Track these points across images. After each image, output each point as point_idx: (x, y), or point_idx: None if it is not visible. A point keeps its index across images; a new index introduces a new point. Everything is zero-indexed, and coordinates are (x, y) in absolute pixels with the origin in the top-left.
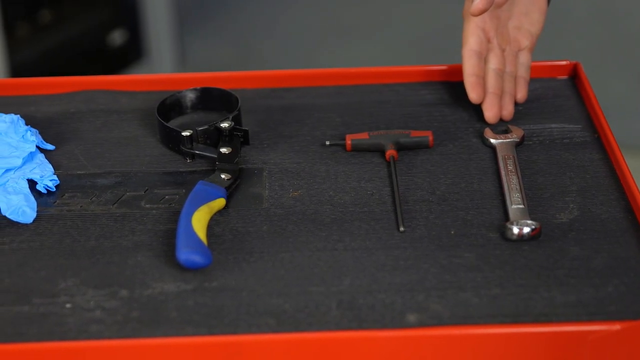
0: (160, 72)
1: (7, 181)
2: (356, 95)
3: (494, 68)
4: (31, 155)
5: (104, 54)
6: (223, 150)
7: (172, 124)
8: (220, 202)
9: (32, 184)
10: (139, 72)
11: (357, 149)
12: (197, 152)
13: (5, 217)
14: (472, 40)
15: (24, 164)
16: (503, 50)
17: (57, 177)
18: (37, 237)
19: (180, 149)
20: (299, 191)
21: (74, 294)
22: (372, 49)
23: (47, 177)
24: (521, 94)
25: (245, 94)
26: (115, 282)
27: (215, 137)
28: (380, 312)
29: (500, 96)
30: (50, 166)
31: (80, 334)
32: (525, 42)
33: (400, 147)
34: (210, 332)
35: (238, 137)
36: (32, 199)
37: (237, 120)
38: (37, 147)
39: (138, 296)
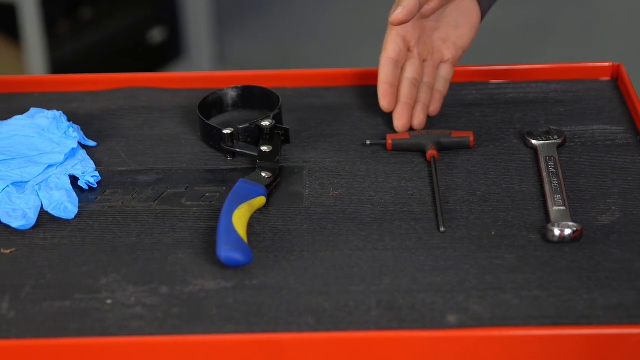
0: (199, 70)
1: (50, 177)
2: None
3: (409, 77)
4: (73, 152)
5: (143, 52)
6: (264, 148)
7: (213, 121)
8: (260, 200)
9: (74, 180)
10: (177, 70)
11: (398, 148)
12: (237, 150)
13: (47, 212)
14: (390, 48)
15: (66, 160)
16: (424, 61)
17: (99, 173)
18: (79, 233)
19: (221, 147)
20: (340, 190)
21: (115, 290)
22: None
23: (88, 174)
24: (434, 107)
25: (286, 92)
26: (156, 279)
27: (256, 135)
28: (420, 312)
29: (412, 106)
30: (92, 162)
31: (120, 329)
32: (448, 54)
33: (441, 147)
34: (250, 330)
35: (279, 136)
36: (74, 195)
37: (278, 118)
38: (79, 143)
39: (178, 293)
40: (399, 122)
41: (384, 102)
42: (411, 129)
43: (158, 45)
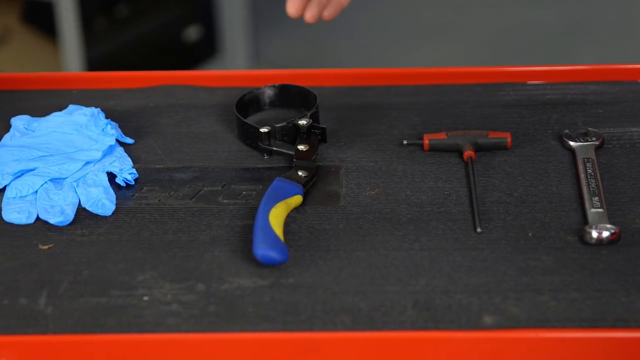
0: (234, 69)
1: (87, 174)
2: (434, 95)
3: None
4: (111, 149)
5: (178, 50)
6: (301, 147)
7: (250, 120)
8: (297, 199)
9: (111, 177)
10: (212, 69)
11: (435, 148)
12: (274, 148)
13: (85, 209)
14: None
15: (103, 157)
16: None
17: (136, 170)
18: (116, 230)
19: (258, 145)
20: (376, 190)
21: (152, 287)
22: (449, 49)
23: (126, 171)
24: (329, 12)
25: (323, 91)
26: (192, 276)
27: (293, 134)
28: (457, 313)
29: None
30: (130, 160)
31: (157, 326)
32: None
33: (478, 148)
34: (286, 329)
35: (316, 135)
36: (111, 191)
37: (315, 117)
38: (117, 140)
39: (215, 291)
40: (291, 6)
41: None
42: (448, 129)
43: (193, 44)
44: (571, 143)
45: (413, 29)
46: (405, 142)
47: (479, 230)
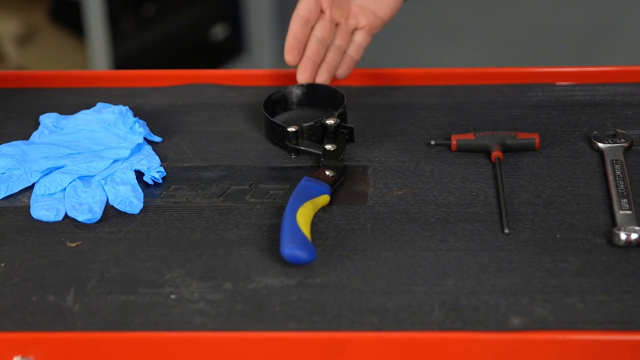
0: (260, 68)
1: (115, 172)
2: (462, 95)
3: (317, 36)
4: (139, 147)
5: (205, 49)
6: (328, 147)
7: (278, 119)
8: (324, 199)
9: (139, 175)
10: (238, 67)
11: (463, 149)
12: (302, 148)
13: (113, 207)
14: (301, 6)
15: (131, 155)
16: (337, 24)
17: (164, 169)
18: (144, 228)
19: (286, 145)
20: (403, 190)
21: (179, 285)
22: (478, 50)
23: (154, 169)
24: (342, 71)
25: (350, 91)
26: (220, 275)
27: (321, 133)
28: (484, 314)
29: (318, 63)
30: (157, 158)
31: (184, 324)
32: (364, 21)
33: (506, 149)
34: (313, 328)
35: (343, 134)
36: (139, 189)
37: (342, 117)
38: (145, 138)
39: (242, 289)
40: (302, 75)
41: (289, 56)
42: (476, 129)
43: (220, 43)
44: (600, 144)
45: (441, 29)
46: (433, 142)
47: (506, 231)
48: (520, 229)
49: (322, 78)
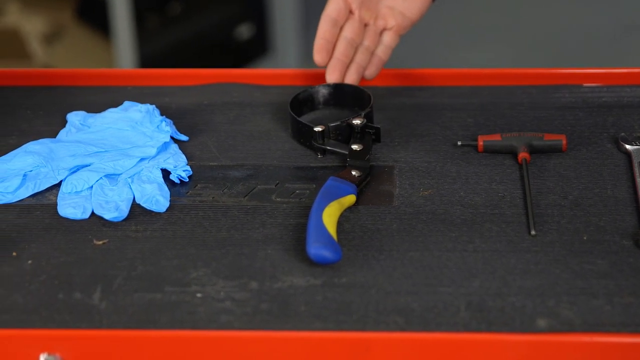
0: (285, 67)
1: (142, 170)
2: (489, 96)
3: (345, 36)
4: (165, 146)
5: (230, 48)
6: (354, 147)
7: (304, 119)
8: (350, 199)
9: (165, 173)
10: (263, 67)
11: (489, 150)
12: (328, 147)
13: (139, 205)
14: (330, 7)
15: (158, 153)
16: (365, 25)
17: (190, 167)
18: (170, 226)
19: (312, 144)
20: (430, 190)
21: (205, 284)
22: (505, 50)
23: (180, 168)
24: (370, 71)
25: (377, 91)
26: (245, 274)
27: (347, 133)
28: (510, 316)
29: (347, 64)
30: (184, 157)
31: (210, 323)
32: (392, 22)
33: (533, 150)
34: (339, 328)
35: (370, 134)
36: (166, 188)
37: (369, 117)
38: (171, 137)
39: (267, 289)
40: (331, 76)
41: (318, 56)
42: (503, 130)
43: (245, 42)
44: (627, 146)
45: (469, 30)
46: (459, 143)
47: (533, 232)
48: (546, 231)
49: (351, 78)
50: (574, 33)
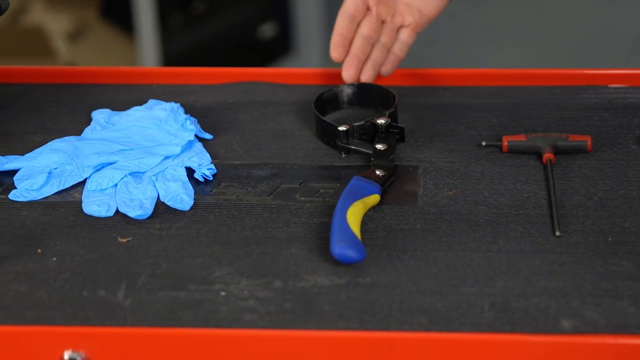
0: (307, 67)
1: (166, 168)
2: (514, 96)
3: (363, 33)
4: (190, 144)
5: (253, 47)
6: (379, 146)
7: (328, 118)
8: (374, 198)
9: (190, 172)
10: (286, 66)
11: (514, 150)
12: (352, 147)
13: (163, 203)
14: (347, 4)
15: (182, 152)
16: (382, 22)
17: (215, 166)
18: (194, 225)
19: (336, 144)
20: (454, 190)
21: (229, 282)
22: (529, 50)
23: (204, 166)
24: (387, 68)
25: (401, 91)
26: (269, 273)
27: (371, 133)
28: (534, 316)
29: (363, 60)
30: (208, 155)
31: (233, 322)
32: (410, 19)
33: (558, 151)
34: (362, 327)
35: (394, 134)
36: (190, 186)
37: (393, 117)
38: (196, 136)
39: (291, 288)
40: (347, 72)
41: (334, 53)
42: (527, 131)
43: (268, 41)
44: None
45: (494, 30)
46: (483, 143)
47: (557, 233)
48: (571, 232)
49: (367, 75)
50: (600, 33)
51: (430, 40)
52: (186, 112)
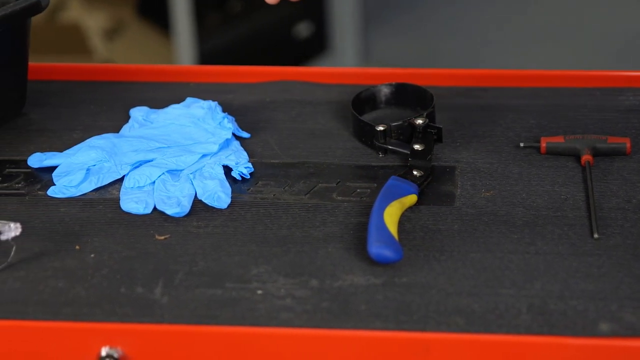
0: (343, 66)
1: (204, 166)
2: (552, 97)
3: None
4: (227, 142)
5: (288, 46)
6: (416, 146)
7: (366, 118)
8: (412, 199)
9: (227, 170)
10: (321, 65)
11: (552, 152)
12: (390, 147)
13: (201, 201)
14: None
15: (220, 150)
16: None
17: (252, 164)
18: (231, 223)
19: (374, 144)
20: (491, 191)
21: (266, 281)
22: (568, 52)
23: (242, 165)
24: None
25: (438, 91)
26: (306, 272)
27: (409, 133)
28: (572, 319)
29: None
30: (245, 154)
31: (270, 320)
32: None
33: (597, 153)
34: (399, 328)
35: (431, 134)
36: (227, 185)
37: (431, 117)
38: (233, 134)
39: (328, 287)
40: None
41: None
42: (566, 132)
43: (303, 40)
44: None
45: (532, 31)
46: (522, 144)
47: (596, 236)
48: (610, 234)
49: None
50: (636, 34)
51: (469, 41)
52: (224, 111)
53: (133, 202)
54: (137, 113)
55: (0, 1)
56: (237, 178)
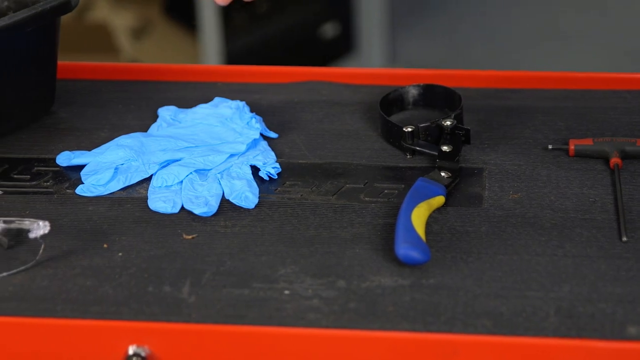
0: (369, 67)
1: (231, 166)
2: (581, 100)
3: None
4: (255, 142)
5: (314, 46)
6: (444, 148)
7: (394, 119)
8: (439, 200)
9: (254, 170)
10: (347, 66)
11: (580, 154)
12: (417, 148)
13: (228, 201)
14: None
15: (247, 150)
16: None
17: (279, 165)
18: (258, 223)
19: (401, 145)
20: (519, 194)
21: (293, 281)
22: (597, 54)
23: (269, 165)
24: None
25: (466, 93)
26: (333, 272)
27: (436, 134)
28: (600, 322)
29: None
30: (273, 154)
31: (297, 320)
32: None
33: (626, 156)
34: (426, 329)
35: (459, 136)
36: (255, 185)
37: (459, 118)
38: (261, 134)
39: (355, 288)
40: None
41: None
42: (594, 135)
43: (330, 40)
44: None
45: (562, 33)
46: (550, 146)
47: (624, 239)
48: (638, 237)
49: None
50: None
51: (497, 42)
52: (251, 111)
53: (161, 201)
54: (166, 112)
55: (32, 0)
56: (265, 178)
